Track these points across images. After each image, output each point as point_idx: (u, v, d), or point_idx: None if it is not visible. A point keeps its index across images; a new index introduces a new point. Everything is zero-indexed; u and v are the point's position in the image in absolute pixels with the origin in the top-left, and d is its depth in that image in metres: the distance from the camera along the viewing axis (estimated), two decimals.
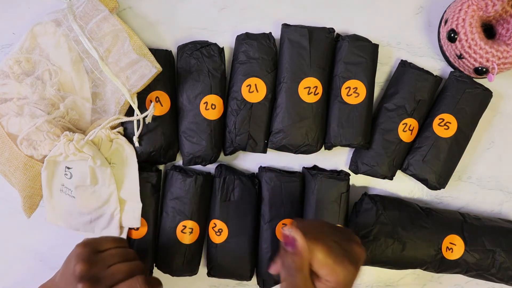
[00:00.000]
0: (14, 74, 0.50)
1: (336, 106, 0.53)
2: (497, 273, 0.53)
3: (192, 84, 0.52)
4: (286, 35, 0.53)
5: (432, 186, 0.54)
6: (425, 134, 0.54)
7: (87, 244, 0.44)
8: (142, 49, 0.51)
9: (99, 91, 0.52)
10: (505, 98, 0.58)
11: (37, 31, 0.51)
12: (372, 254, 0.52)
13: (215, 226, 0.53)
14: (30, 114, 0.49)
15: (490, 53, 0.51)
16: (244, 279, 0.54)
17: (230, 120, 0.53)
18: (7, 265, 0.57)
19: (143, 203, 0.52)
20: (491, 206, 0.59)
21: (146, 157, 0.53)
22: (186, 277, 0.56)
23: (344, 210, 0.54)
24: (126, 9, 0.55)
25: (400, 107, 0.53)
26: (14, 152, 0.50)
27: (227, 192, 0.53)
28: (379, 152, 0.53)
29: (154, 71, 0.49)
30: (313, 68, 0.52)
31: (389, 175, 0.54)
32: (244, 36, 0.53)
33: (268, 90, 0.52)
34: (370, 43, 0.53)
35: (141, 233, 0.53)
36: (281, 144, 0.52)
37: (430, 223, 0.53)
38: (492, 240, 0.53)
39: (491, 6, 0.51)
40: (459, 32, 0.51)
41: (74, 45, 0.50)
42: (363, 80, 0.52)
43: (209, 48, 0.52)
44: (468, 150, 0.56)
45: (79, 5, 0.50)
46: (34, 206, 0.52)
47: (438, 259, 0.53)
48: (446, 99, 0.54)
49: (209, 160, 0.54)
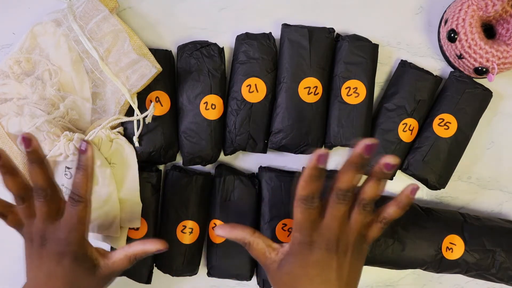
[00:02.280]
0: (14, 74, 0.50)
1: (336, 106, 0.53)
2: (497, 273, 0.53)
3: (192, 84, 0.52)
4: (286, 35, 0.53)
5: (432, 186, 0.54)
6: (425, 134, 0.54)
7: None
8: (142, 49, 0.51)
9: (99, 91, 0.52)
10: (505, 98, 0.58)
11: (37, 31, 0.51)
12: (372, 254, 0.52)
13: (215, 226, 0.53)
14: (30, 114, 0.49)
15: (490, 53, 0.51)
16: (244, 279, 0.54)
17: (230, 120, 0.53)
18: (7, 265, 0.57)
19: (143, 203, 0.52)
20: (491, 206, 0.59)
21: (146, 157, 0.53)
22: (186, 277, 0.56)
23: None
24: (126, 9, 0.55)
25: (400, 107, 0.53)
26: (14, 152, 0.50)
27: (227, 192, 0.53)
28: (379, 152, 0.53)
29: (154, 71, 0.49)
30: (313, 68, 0.52)
31: None
32: (244, 36, 0.53)
33: (268, 90, 0.52)
34: (370, 43, 0.53)
35: (141, 233, 0.53)
36: (281, 144, 0.52)
37: (430, 223, 0.53)
38: (492, 240, 0.53)
39: (491, 6, 0.51)
40: (459, 32, 0.51)
41: (74, 45, 0.50)
42: (363, 80, 0.52)
43: (209, 48, 0.52)
44: (468, 150, 0.56)
45: (79, 5, 0.50)
46: None
47: (438, 259, 0.53)
48: (446, 99, 0.54)
49: (209, 160, 0.54)
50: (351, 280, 0.44)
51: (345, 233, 0.44)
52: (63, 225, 0.44)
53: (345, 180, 0.43)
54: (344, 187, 0.43)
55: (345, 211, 0.44)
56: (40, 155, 0.43)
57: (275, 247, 0.46)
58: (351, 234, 0.44)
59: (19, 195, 0.44)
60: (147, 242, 0.46)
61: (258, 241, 0.46)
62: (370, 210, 0.44)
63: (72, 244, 0.44)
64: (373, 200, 0.44)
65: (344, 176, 0.43)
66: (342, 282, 0.43)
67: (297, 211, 0.44)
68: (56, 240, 0.44)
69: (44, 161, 0.44)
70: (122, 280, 0.56)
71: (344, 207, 0.43)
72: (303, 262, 0.44)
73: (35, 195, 0.44)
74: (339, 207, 0.43)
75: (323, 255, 0.43)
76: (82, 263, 0.44)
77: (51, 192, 0.44)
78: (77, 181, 0.44)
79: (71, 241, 0.44)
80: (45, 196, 0.44)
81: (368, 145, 0.42)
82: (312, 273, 0.43)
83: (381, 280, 0.59)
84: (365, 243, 0.46)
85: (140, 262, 0.53)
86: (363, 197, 0.44)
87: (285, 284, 0.44)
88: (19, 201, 0.44)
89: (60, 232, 0.44)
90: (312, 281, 0.43)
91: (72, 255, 0.43)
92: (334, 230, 0.43)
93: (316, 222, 0.44)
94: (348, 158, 0.43)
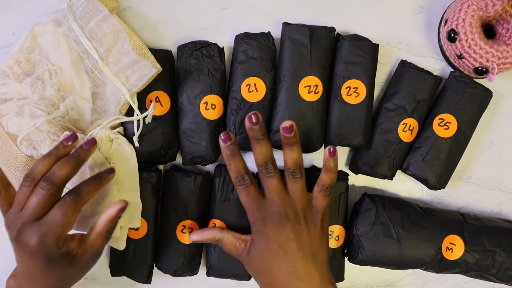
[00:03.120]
0: (14, 74, 0.50)
1: (336, 106, 0.53)
2: (497, 273, 0.53)
3: (192, 84, 0.52)
4: (287, 34, 0.53)
5: (432, 186, 0.54)
6: (425, 134, 0.54)
7: None
8: (142, 49, 0.51)
9: (99, 91, 0.52)
10: (505, 98, 0.58)
11: (37, 31, 0.51)
12: (372, 254, 0.52)
13: (214, 226, 0.53)
14: (30, 114, 0.49)
15: (490, 53, 0.51)
16: (243, 279, 0.54)
17: (230, 120, 0.53)
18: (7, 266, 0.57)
19: (143, 203, 0.52)
20: (491, 206, 0.59)
21: (146, 157, 0.53)
22: (186, 277, 0.56)
23: (343, 210, 0.54)
24: (126, 9, 0.55)
25: (400, 107, 0.53)
26: (14, 152, 0.50)
27: (227, 192, 0.53)
28: (379, 152, 0.54)
29: (154, 71, 0.49)
30: (314, 66, 0.52)
31: (389, 175, 0.54)
32: (243, 35, 0.53)
33: (267, 89, 0.52)
34: (370, 43, 0.53)
35: (141, 233, 0.53)
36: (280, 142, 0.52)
37: (430, 223, 0.53)
38: (492, 240, 0.53)
39: (491, 6, 0.51)
40: (459, 32, 0.51)
41: (74, 45, 0.50)
42: (363, 80, 0.52)
43: (209, 48, 0.52)
44: (468, 150, 0.56)
45: (79, 5, 0.50)
46: None
47: (438, 259, 0.53)
48: (446, 99, 0.54)
49: (209, 160, 0.54)
50: (315, 251, 0.46)
51: (289, 203, 0.47)
52: (41, 225, 0.43)
53: (260, 153, 0.47)
54: (261, 162, 0.47)
55: (276, 183, 0.47)
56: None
57: (244, 238, 0.49)
58: (296, 202, 0.47)
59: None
60: (107, 210, 0.46)
61: (227, 236, 0.49)
62: (301, 176, 0.47)
63: (46, 246, 0.43)
64: (297, 166, 0.47)
65: (259, 150, 0.47)
66: (305, 252, 0.45)
67: (239, 195, 0.48)
68: (30, 238, 0.43)
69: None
70: (122, 280, 0.56)
71: (273, 178, 0.47)
72: (264, 239, 0.46)
73: (23, 183, 0.44)
74: (269, 180, 0.47)
75: (277, 227, 0.45)
76: (58, 261, 0.43)
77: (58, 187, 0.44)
78: (59, 168, 0.43)
79: (45, 244, 0.43)
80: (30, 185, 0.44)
81: (285, 127, 0.46)
82: (274, 247, 0.45)
83: (381, 280, 0.59)
84: (317, 212, 0.47)
85: (140, 262, 0.53)
86: (287, 166, 0.48)
87: (256, 268, 0.46)
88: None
89: (36, 232, 0.43)
90: (276, 255, 0.45)
91: (45, 256, 0.43)
92: (277, 202, 0.46)
93: (259, 199, 0.47)
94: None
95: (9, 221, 0.44)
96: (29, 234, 0.42)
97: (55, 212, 0.43)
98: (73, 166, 0.44)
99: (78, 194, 0.44)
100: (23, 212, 0.43)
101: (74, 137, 0.46)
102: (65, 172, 0.44)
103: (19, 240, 0.43)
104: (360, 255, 0.53)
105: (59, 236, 0.43)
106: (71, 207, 0.43)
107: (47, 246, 0.42)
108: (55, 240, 0.43)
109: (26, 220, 0.43)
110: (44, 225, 0.43)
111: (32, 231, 0.42)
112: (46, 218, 0.43)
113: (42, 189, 0.43)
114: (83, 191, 0.44)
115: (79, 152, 0.45)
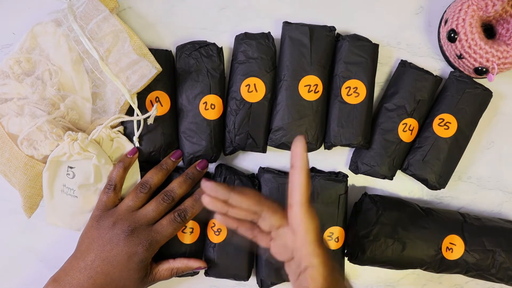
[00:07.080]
0: (14, 74, 0.50)
1: (336, 106, 0.53)
2: (497, 273, 0.53)
3: (191, 84, 0.52)
4: (287, 33, 0.53)
5: (432, 186, 0.54)
6: (425, 134, 0.54)
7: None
8: (142, 49, 0.52)
9: (99, 91, 0.52)
10: (505, 98, 0.58)
11: (37, 31, 0.51)
12: (372, 254, 0.52)
13: (214, 226, 0.53)
14: (30, 114, 0.50)
15: (490, 53, 0.51)
16: (242, 279, 0.54)
17: (230, 120, 0.53)
18: (7, 266, 0.57)
19: None
20: (491, 206, 0.59)
21: (146, 157, 0.53)
22: (186, 277, 0.56)
23: (343, 211, 0.54)
24: (126, 9, 0.55)
25: (400, 107, 0.53)
26: (14, 152, 0.50)
27: None
28: (379, 152, 0.54)
29: (154, 71, 0.49)
30: (314, 66, 0.52)
31: (389, 175, 0.54)
32: (243, 35, 0.53)
33: (267, 89, 0.52)
34: (370, 43, 0.53)
35: None
36: (280, 141, 0.52)
37: (430, 223, 0.53)
38: (492, 240, 0.53)
39: (491, 6, 0.51)
40: (459, 32, 0.51)
41: (74, 45, 0.50)
42: (363, 80, 0.52)
43: (208, 48, 0.52)
44: (468, 150, 0.56)
45: (80, 5, 0.50)
46: (34, 206, 0.52)
47: (438, 259, 0.53)
48: (446, 99, 0.54)
49: (209, 160, 0.54)
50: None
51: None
52: (152, 231, 0.49)
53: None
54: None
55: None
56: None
57: None
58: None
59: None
60: (191, 260, 0.53)
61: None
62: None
63: (148, 251, 0.48)
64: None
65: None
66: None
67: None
68: (142, 239, 0.48)
69: None
70: None
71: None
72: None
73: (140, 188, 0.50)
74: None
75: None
76: (144, 268, 0.49)
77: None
78: (178, 186, 0.51)
79: (148, 248, 0.48)
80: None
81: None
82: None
83: (381, 280, 0.59)
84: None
85: None
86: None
87: None
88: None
89: (148, 235, 0.48)
90: None
91: (140, 261, 0.48)
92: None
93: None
94: None
95: (116, 216, 0.49)
96: (142, 235, 0.48)
97: (168, 225, 0.49)
98: (189, 186, 0.52)
99: (185, 219, 0.50)
100: (138, 215, 0.49)
101: (180, 154, 0.53)
102: (183, 191, 0.51)
103: (130, 237, 0.48)
104: (360, 255, 0.53)
105: (160, 245, 0.50)
106: (179, 226, 0.50)
107: (149, 251, 0.48)
108: (157, 248, 0.49)
109: (142, 223, 0.49)
110: (154, 232, 0.49)
111: (144, 234, 0.48)
112: (157, 227, 0.49)
113: (163, 201, 0.50)
114: (188, 216, 0.51)
115: (194, 173, 0.52)
